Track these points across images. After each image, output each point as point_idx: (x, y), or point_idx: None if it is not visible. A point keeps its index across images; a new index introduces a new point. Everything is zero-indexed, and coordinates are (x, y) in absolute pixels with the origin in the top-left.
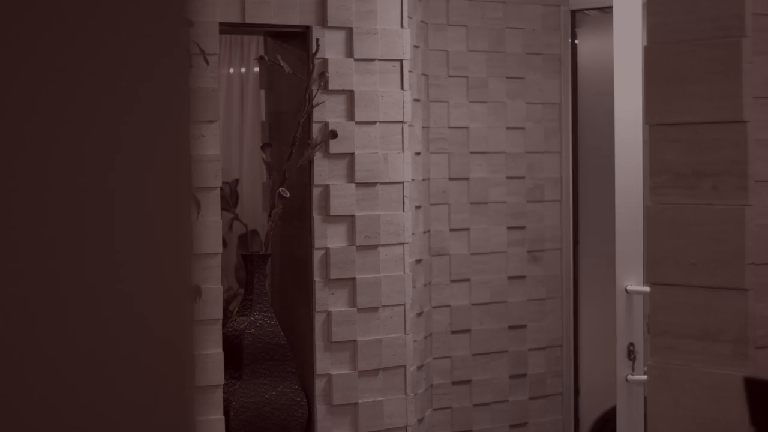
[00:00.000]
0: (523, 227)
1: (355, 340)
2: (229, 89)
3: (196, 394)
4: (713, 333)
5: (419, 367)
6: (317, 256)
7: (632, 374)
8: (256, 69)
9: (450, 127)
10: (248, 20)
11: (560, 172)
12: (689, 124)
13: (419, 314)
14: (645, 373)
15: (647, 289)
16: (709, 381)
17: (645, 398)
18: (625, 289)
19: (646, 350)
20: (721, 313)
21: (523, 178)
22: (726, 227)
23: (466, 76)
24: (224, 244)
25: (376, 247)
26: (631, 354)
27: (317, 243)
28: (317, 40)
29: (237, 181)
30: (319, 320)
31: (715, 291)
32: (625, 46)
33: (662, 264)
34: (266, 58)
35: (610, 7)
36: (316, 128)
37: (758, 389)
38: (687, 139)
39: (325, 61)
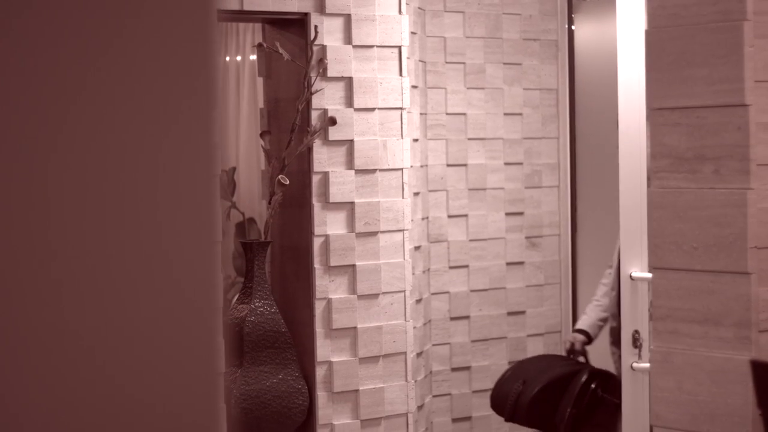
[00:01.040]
0: (521, 213)
1: (355, 327)
2: (225, 77)
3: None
4: (716, 317)
5: (419, 354)
6: (317, 243)
7: (638, 362)
8: (252, 57)
9: (447, 114)
10: (246, 7)
11: (558, 158)
12: (690, 108)
13: (418, 301)
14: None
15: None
16: (711, 365)
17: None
18: (630, 276)
19: (651, 338)
20: (723, 297)
21: (521, 164)
22: (728, 211)
23: (464, 63)
24: (222, 232)
25: (375, 233)
26: (636, 342)
27: (317, 230)
28: (315, 26)
29: (234, 169)
30: (319, 307)
31: (717, 275)
32: (628, 30)
33: (664, 248)
34: (265, 45)
35: None
36: (315, 115)
37: (765, 372)
38: (688, 123)
39: (323, 48)
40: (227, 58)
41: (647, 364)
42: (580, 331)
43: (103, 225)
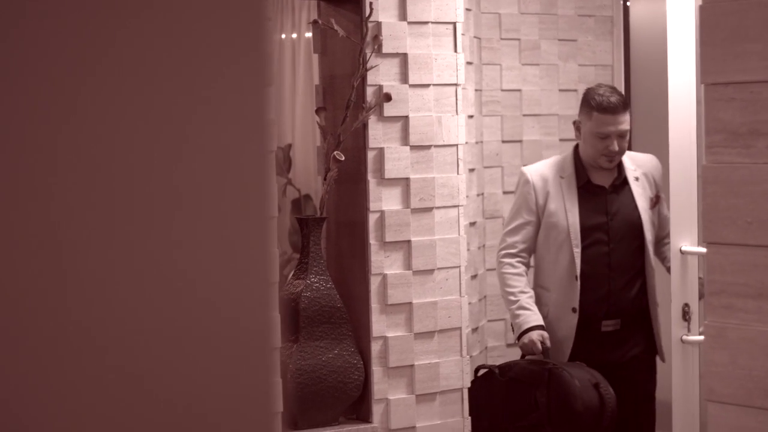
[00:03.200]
0: None
1: (410, 303)
2: (281, 54)
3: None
4: None
5: (474, 330)
6: (372, 219)
7: (687, 335)
8: (308, 34)
9: (503, 90)
10: None
11: None
12: (745, 83)
13: (473, 277)
14: (700, 334)
15: (703, 250)
16: (766, 340)
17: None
18: (680, 250)
19: (701, 311)
20: None
21: (575, 140)
22: None
23: (519, 39)
24: (278, 209)
25: (431, 209)
26: (686, 315)
27: (372, 206)
28: (370, 3)
29: (290, 146)
30: (374, 283)
31: None
32: (679, 6)
33: (718, 223)
34: (320, 21)
35: None
36: (370, 91)
37: None
38: (742, 98)
39: (378, 25)
40: (283, 36)
41: (697, 337)
42: (540, 327)
43: (160, 202)
